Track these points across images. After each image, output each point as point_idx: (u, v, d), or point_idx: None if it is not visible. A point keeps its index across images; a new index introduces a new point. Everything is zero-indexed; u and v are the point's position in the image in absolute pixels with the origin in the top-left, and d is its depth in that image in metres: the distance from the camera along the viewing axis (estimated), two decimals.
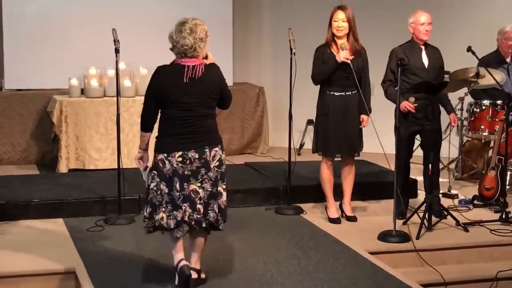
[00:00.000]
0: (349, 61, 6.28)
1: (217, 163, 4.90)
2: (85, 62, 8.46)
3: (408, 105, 6.39)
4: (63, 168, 8.13)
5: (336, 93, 6.43)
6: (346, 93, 6.42)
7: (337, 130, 6.42)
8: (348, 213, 6.67)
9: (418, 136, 6.75)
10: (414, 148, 6.82)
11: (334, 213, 6.64)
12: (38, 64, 8.71)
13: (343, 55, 6.29)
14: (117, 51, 6.39)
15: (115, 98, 6.53)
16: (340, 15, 6.36)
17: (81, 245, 5.82)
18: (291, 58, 6.69)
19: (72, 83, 8.40)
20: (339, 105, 6.42)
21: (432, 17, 6.64)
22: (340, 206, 6.71)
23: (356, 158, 6.63)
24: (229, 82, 9.39)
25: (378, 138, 6.24)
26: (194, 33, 4.79)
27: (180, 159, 4.79)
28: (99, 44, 8.19)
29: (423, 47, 6.58)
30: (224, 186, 4.99)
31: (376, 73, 6.83)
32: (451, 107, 6.88)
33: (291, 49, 6.70)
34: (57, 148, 8.28)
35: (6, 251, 5.70)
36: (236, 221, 6.59)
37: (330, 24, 6.41)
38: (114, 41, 6.42)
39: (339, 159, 6.64)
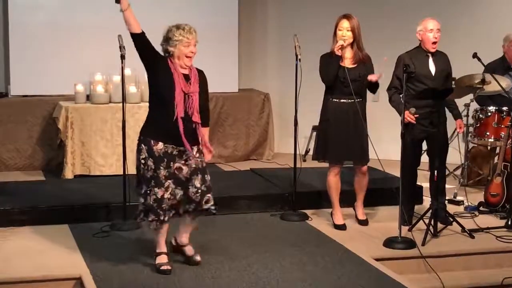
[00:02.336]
0: (343, 44, 6.31)
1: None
2: (91, 68, 8.48)
3: (408, 116, 6.35)
4: (68, 174, 8.14)
5: (337, 100, 6.44)
6: (348, 100, 6.43)
7: (339, 136, 6.42)
8: (360, 216, 6.69)
9: (424, 143, 6.74)
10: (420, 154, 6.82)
11: (339, 219, 6.64)
12: (44, 70, 8.73)
13: (338, 43, 6.32)
14: (122, 57, 6.41)
15: (121, 104, 6.55)
16: (345, 24, 6.37)
17: (87, 251, 5.82)
18: (296, 65, 6.69)
19: (77, 89, 8.42)
20: (340, 112, 6.43)
21: None
22: (354, 209, 6.76)
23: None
24: (235, 88, 9.53)
25: (372, 145, 6.25)
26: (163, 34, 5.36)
27: None
28: (104, 50, 8.21)
29: (430, 54, 6.55)
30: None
31: (381, 80, 6.83)
32: (458, 112, 6.86)
33: (296, 56, 6.70)
34: (62, 154, 8.29)
35: (11, 257, 5.71)
36: (241, 227, 6.60)
37: (335, 33, 6.43)
38: (120, 47, 6.43)
39: (349, 165, 6.65)
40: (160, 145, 5.23)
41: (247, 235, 6.33)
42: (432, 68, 6.54)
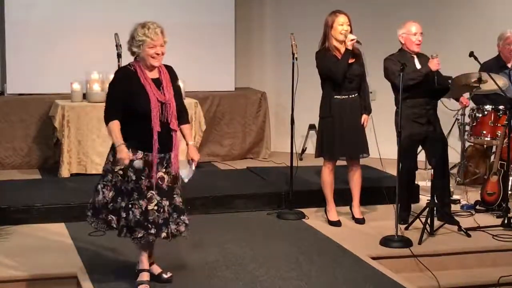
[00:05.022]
0: (355, 40, 6.34)
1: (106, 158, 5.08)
2: (87, 67, 8.48)
3: (436, 61, 6.32)
4: (65, 172, 8.14)
5: (339, 97, 6.46)
6: (350, 96, 6.46)
7: (342, 133, 6.45)
8: (357, 215, 6.70)
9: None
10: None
11: (334, 216, 6.66)
12: (40, 68, 8.72)
13: (350, 38, 6.33)
14: (119, 56, 6.40)
15: None
16: (344, 18, 6.40)
17: (83, 250, 5.82)
18: (293, 63, 6.68)
19: (74, 87, 8.41)
20: (343, 108, 6.46)
21: (432, 23, 6.64)
22: (350, 209, 6.76)
23: (363, 158, 6.63)
24: (231, 87, 9.53)
25: (376, 143, 6.27)
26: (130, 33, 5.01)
27: None
28: (101, 49, 8.20)
29: (414, 56, 6.58)
30: (102, 185, 5.04)
31: (376, 78, 6.86)
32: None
33: (293, 54, 6.70)
34: (59, 153, 8.29)
35: (7, 256, 5.70)
36: (237, 226, 6.60)
37: (330, 29, 6.42)
38: (116, 46, 6.43)
39: (343, 162, 6.66)
40: (140, 154, 4.88)
41: (243, 234, 6.32)
42: (419, 67, 6.55)
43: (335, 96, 6.46)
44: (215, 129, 9.25)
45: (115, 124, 4.86)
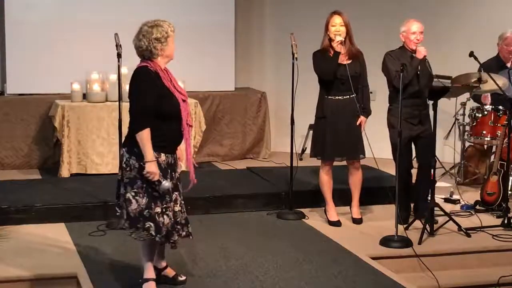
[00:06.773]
0: (342, 39, 6.34)
1: (125, 165, 4.81)
2: (87, 67, 8.47)
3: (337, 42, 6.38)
4: (65, 172, 8.14)
5: (334, 97, 6.47)
6: (344, 97, 6.47)
7: (335, 134, 6.47)
8: (355, 215, 6.71)
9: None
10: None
11: (334, 216, 6.67)
12: (40, 68, 8.72)
13: (337, 40, 6.36)
14: (119, 56, 6.41)
15: (117, 103, 6.54)
16: (338, 19, 6.42)
17: (83, 250, 5.82)
18: (293, 63, 6.69)
19: (74, 87, 8.40)
20: (337, 109, 6.47)
21: (432, 23, 6.64)
22: (350, 209, 6.76)
23: (361, 159, 6.64)
24: (231, 87, 9.53)
25: (369, 143, 6.28)
26: (150, 34, 4.82)
27: None
28: (101, 49, 8.21)
29: (414, 54, 6.57)
30: (133, 194, 4.79)
31: (376, 79, 6.85)
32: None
33: (293, 54, 6.70)
34: (59, 153, 8.28)
35: (7, 256, 5.70)
36: (237, 226, 6.60)
37: (326, 30, 6.46)
38: (116, 46, 6.43)
39: (344, 163, 6.67)
40: (163, 156, 4.78)
41: (243, 234, 6.33)
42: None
43: (328, 97, 6.49)
44: (215, 129, 9.25)
45: (147, 134, 4.65)
